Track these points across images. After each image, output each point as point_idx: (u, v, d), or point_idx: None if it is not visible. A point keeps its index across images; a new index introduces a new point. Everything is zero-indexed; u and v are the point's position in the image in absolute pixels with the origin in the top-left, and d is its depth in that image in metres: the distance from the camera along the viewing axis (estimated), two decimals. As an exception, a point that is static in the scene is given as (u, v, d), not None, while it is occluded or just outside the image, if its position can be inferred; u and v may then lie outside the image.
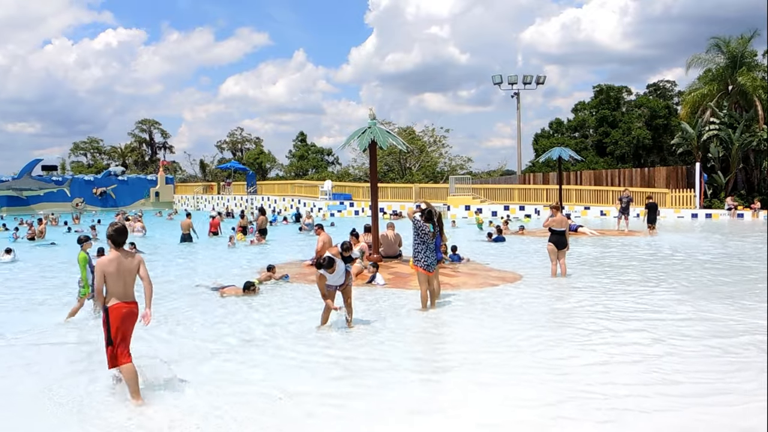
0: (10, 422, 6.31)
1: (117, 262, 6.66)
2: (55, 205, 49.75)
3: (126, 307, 6.63)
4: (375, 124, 16.52)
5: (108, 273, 6.58)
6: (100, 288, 6.68)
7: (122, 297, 6.63)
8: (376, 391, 6.91)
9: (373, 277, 13.93)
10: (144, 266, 6.87)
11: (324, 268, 9.33)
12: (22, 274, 16.56)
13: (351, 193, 40.84)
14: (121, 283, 6.64)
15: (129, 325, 6.69)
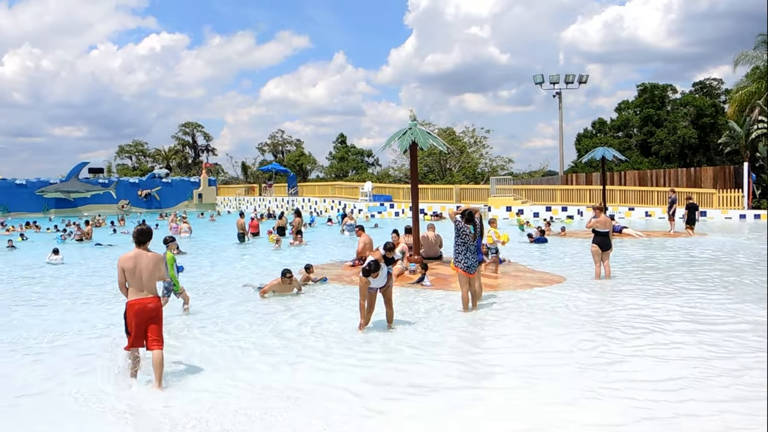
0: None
1: (135, 260, 7.18)
2: (102, 206, 50.92)
3: (138, 304, 7.12)
4: (415, 125, 16.45)
5: (126, 269, 7.14)
6: (122, 282, 7.22)
7: (137, 292, 7.15)
8: (416, 394, 6.86)
9: (422, 277, 13.89)
10: (164, 267, 7.50)
11: (371, 274, 9.40)
12: (72, 274, 16.97)
13: (391, 195, 40.84)
14: (137, 278, 7.14)
15: (144, 318, 7.15)
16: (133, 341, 7.24)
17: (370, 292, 9.75)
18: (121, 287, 7.26)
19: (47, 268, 18.35)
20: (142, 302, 7.16)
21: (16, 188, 49.71)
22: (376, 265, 9.45)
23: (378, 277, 9.52)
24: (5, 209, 47.76)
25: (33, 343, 9.48)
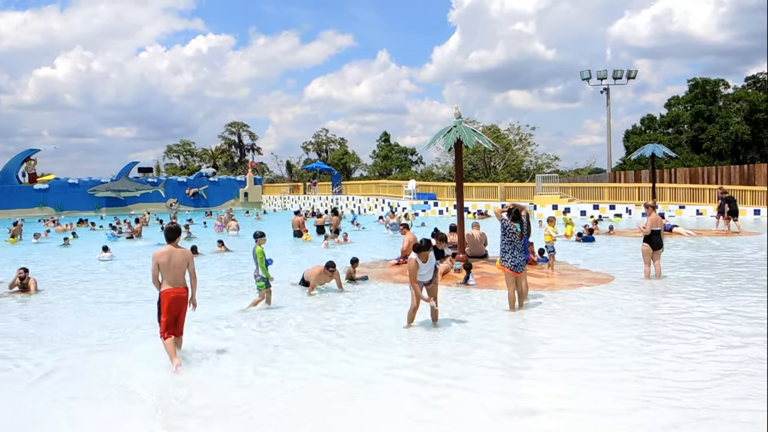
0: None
1: (168, 255, 8.03)
2: (151, 205, 52.03)
3: (174, 292, 7.99)
4: (460, 123, 16.35)
5: (161, 263, 8.00)
6: (155, 275, 8.05)
7: (171, 284, 8.00)
8: (461, 394, 6.80)
9: (467, 276, 13.81)
10: (192, 262, 8.24)
11: (422, 251, 9.38)
12: (125, 270, 17.36)
13: (435, 193, 40.69)
14: (170, 272, 7.99)
15: (177, 306, 8.02)
16: (165, 327, 7.95)
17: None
18: (154, 279, 8.07)
19: (98, 265, 18.84)
20: (176, 291, 8.01)
21: (69, 187, 51.18)
22: (428, 243, 9.53)
23: (425, 266, 9.44)
24: (59, 208, 49.22)
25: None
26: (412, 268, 9.45)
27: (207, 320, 10.52)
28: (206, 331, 9.91)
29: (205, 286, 13.78)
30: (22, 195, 48.91)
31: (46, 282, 15.20)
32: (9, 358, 8.66)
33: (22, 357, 8.69)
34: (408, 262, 9.57)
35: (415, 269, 9.42)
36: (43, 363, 8.37)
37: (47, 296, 13.65)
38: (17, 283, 13.91)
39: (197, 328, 9.78)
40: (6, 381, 7.72)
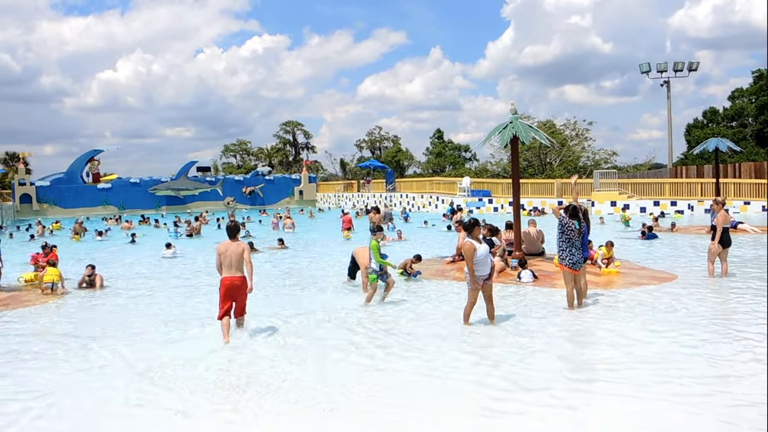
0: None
1: (227, 247, 9.37)
2: (209, 203, 53.18)
3: (229, 280, 9.26)
4: (516, 119, 16.16)
5: (221, 253, 9.37)
6: (218, 264, 9.45)
7: (229, 272, 9.28)
8: (519, 393, 6.72)
9: (521, 273, 13.66)
10: (248, 252, 9.43)
11: (473, 228, 9.47)
12: (187, 267, 17.80)
13: (489, 190, 40.36)
14: (228, 262, 9.29)
15: (233, 292, 9.27)
16: (222, 310, 9.21)
17: (472, 287, 9.59)
18: (217, 267, 9.50)
19: (162, 261, 19.38)
20: (231, 279, 9.28)
21: (130, 186, 52.74)
22: (476, 221, 9.71)
23: (481, 257, 9.38)
24: (121, 206, 50.76)
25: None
26: (468, 249, 9.38)
27: (279, 313, 10.86)
28: (281, 323, 10.17)
29: (275, 282, 14.11)
30: (86, 194, 50.64)
31: (112, 278, 15.70)
32: (78, 351, 8.97)
33: (89, 349, 8.99)
34: (463, 246, 9.54)
35: (471, 251, 9.35)
36: (114, 353, 8.66)
37: (113, 292, 14.09)
38: (85, 280, 14.40)
39: (273, 320, 10.24)
40: (78, 372, 7.99)
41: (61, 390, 7.27)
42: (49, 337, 10.01)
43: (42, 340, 9.78)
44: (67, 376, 7.86)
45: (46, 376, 7.82)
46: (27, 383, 7.55)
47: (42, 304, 12.72)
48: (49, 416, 6.52)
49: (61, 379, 7.69)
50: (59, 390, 7.27)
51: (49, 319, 11.50)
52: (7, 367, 8.25)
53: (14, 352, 9.02)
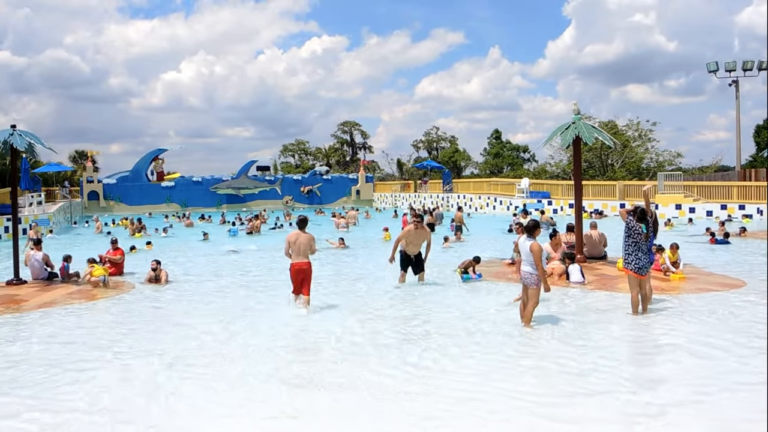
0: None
1: (296, 237, 11.21)
2: (268, 202, 54.06)
3: (297, 265, 11.16)
4: (579, 119, 15.86)
5: (291, 242, 11.22)
6: (286, 250, 11.32)
7: (296, 258, 11.17)
8: (577, 398, 6.57)
9: (569, 270, 13.37)
10: (314, 244, 11.38)
11: (535, 230, 9.62)
12: (249, 262, 18.11)
13: (549, 191, 39.69)
14: (297, 249, 11.16)
15: (301, 275, 11.15)
16: (294, 289, 11.28)
17: (527, 283, 9.71)
18: (286, 253, 11.39)
19: (226, 257, 19.86)
20: (299, 264, 11.17)
21: (193, 185, 54.06)
22: (537, 222, 9.91)
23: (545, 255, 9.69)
24: (184, 204, 52.07)
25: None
26: (536, 250, 9.40)
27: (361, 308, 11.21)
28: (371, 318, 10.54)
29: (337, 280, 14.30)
30: (151, 192, 52.17)
31: (177, 273, 16.12)
32: (150, 341, 9.25)
33: (159, 340, 9.26)
34: (532, 247, 9.44)
35: (540, 251, 9.43)
36: (181, 341, 8.90)
37: (178, 286, 14.50)
38: (150, 276, 14.80)
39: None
40: (149, 362, 8.22)
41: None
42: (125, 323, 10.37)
43: (118, 325, 10.17)
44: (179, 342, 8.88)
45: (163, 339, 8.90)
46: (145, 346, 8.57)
47: (107, 297, 13.18)
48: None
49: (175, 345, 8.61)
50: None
51: (114, 312, 11.87)
52: (131, 337, 8.58)
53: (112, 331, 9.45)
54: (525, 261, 9.64)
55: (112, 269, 16.23)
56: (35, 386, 7.37)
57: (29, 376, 7.77)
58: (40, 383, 7.50)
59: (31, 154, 15.86)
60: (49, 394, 7.06)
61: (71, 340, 9.69)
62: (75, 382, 7.50)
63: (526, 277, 9.63)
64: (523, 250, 9.68)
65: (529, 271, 9.56)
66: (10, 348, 9.24)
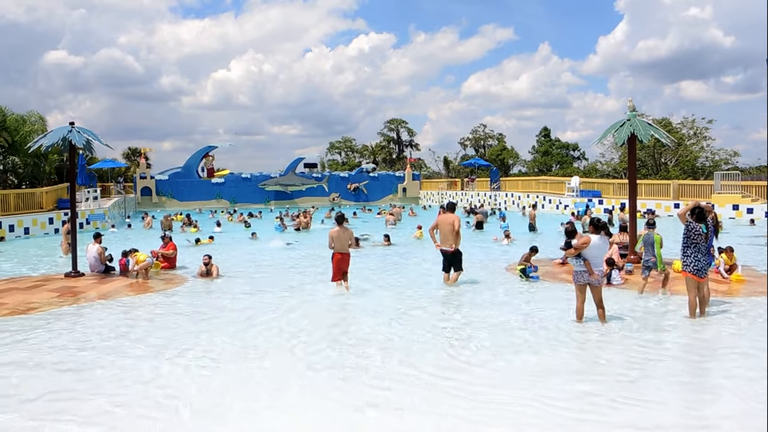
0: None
1: (338, 232, 13.06)
2: (315, 199, 54.50)
3: (339, 255, 13.06)
4: (634, 116, 15.50)
5: (333, 237, 13.06)
6: (330, 243, 13.15)
7: (338, 250, 13.05)
8: (631, 404, 6.39)
9: (609, 274, 13.09)
10: (352, 238, 13.48)
11: (599, 231, 9.91)
12: (293, 258, 18.28)
13: (600, 190, 38.93)
14: (339, 242, 13.02)
15: (342, 263, 13.07)
16: (334, 276, 13.15)
17: (578, 283, 9.83)
18: (329, 246, 13.23)
19: (280, 251, 20.12)
20: (342, 255, 13.07)
21: (242, 181, 54.82)
22: (605, 223, 10.02)
23: (595, 249, 9.77)
24: (233, 200, 52.87)
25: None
26: (584, 240, 9.71)
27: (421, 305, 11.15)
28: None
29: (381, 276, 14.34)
30: (201, 188, 53.12)
31: (228, 267, 16.35)
32: (202, 329, 9.42)
33: (210, 330, 9.41)
34: (582, 238, 9.76)
35: (587, 243, 9.67)
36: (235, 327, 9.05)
37: (229, 279, 14.75)
38: (202, 270, 15.07)
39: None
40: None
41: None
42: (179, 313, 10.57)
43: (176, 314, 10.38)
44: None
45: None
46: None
47: (161, 291, 13.47)
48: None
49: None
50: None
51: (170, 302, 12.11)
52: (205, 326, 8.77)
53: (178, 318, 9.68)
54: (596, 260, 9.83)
55: (164, 264, 16.59)
56: (100, 370, 7.62)
57: (95, 362, 8.04)
58: (104, 366, 7.82)
59: (88, 151, 16.27)
60: (110, 381, 7.27)
61: (128, 330, 9.98)
62: (134, 368, 7.76)
63: (576, 276, 9.95)
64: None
65: (577, 270, 9.90)
66: (72, 335, 9.58)
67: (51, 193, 32.54)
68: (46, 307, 11.69)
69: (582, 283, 9.83)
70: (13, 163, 42.83)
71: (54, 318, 10.85)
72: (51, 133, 15.42)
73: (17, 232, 26.80)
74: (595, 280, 9.73)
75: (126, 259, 15.51)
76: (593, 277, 9.68)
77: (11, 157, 42.17)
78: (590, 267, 9.69)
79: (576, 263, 9.83)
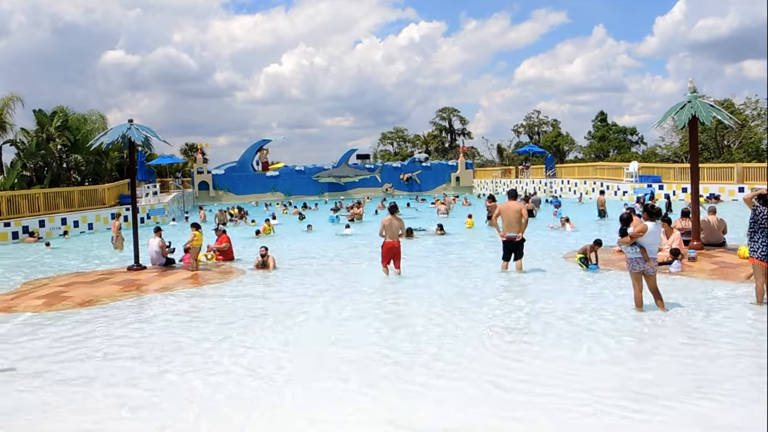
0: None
1: (390, 221, 13.72)
2: (368, 190, 54.64)
3: (389, 244, 13.66)
4: (695, 98, 14.98)
5: (385, 225, 13.68)
6: (381, 231, 13.75)
7: (389, 238, 13.63)
8: (699, 396, 6.19)
9: (671, 262, 12.68)
10: (403, 225, 14.06)
11: (654, 218, 9.74)
12: (344, 249, 18.40)
13: (660, 175, 37.85)
14: (390, 231, 13.63)
15: (392, 252, 13.69)
16: (384, 262, 13.77)
17: (633, 271, 9.69)
18: (380, 234, 13.82)
19: (335, 241, 20.27)
20: (391, 243, 13.68)
21: (296, 174, 55.41)
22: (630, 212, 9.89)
23: (651, 237, 9.60)
24: (287, 193, 53.51)
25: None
26: (641, 228, 9.55)
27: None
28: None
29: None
30: (256, 181, 53.94)
31: (284, 258, 16.58)
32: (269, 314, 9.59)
33: (270, 320, 9.56)
34: (639, 226, 9.58)
35: (643, 230, 9.51)
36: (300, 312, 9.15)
37: (285, 271, 14.96)
38: (259, 262, 15.31)
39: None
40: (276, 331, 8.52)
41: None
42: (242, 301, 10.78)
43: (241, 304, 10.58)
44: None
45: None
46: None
47: (219, 282, 13.74)
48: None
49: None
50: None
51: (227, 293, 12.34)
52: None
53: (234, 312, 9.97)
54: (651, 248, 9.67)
55: (219, 257, 16.91)
56: (163, 356, 7.82)
57: (153, 352, 8.30)
58: (168, 353, 8.04)
59: (147, 147, 16.72)
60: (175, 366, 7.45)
61: (190, 319, 10.29)
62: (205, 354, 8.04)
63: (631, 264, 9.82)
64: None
65: (630, 258, 9.79)
66: (136, 325, 9.92)
67: (112, 189, 33.57)
68: (109, 300, 12.07)
69: (637, 271, 9.64)
70: (76, 161, 44.37)
71: (118, 309, 11.24)
72: (111, 131, 15.85)
73: (81, 227, 27.76)
74: (650, 268, 9.52)
75: (189, 255, 15.84)
76: (649, 264, 9.48)
77: (74, 155, 43.68)
78: (646, 254, 9.47)
79: (631, 251, 9.64)
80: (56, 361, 8.13)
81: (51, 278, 15.09)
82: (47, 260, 18.89)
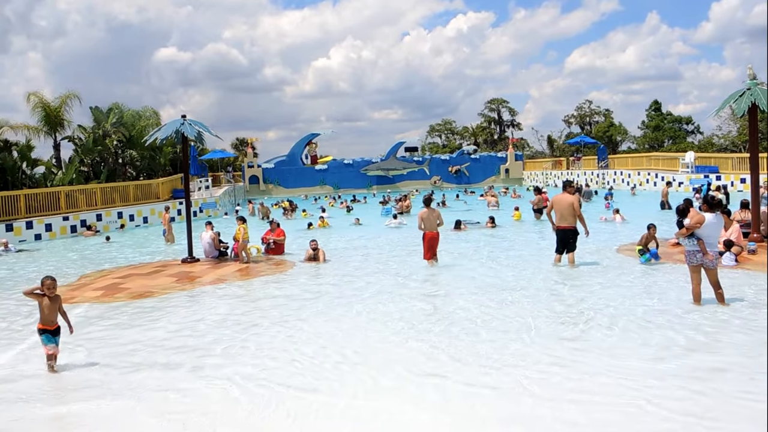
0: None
1: (427, 213, 13.97)
2: (416, 183, 54.60)
3: (429, 234, 13.98)
4: (755, 85, 14.47)
5: (423, 218, 13.93)
6: (419, 224, 14.05)
7: (429, 229, 13.95)
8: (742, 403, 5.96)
9: (722, 253, 12.30)
10: (441, 218, 14.27)
11: (714, 209, 9.43)
12: (386, 242, 18.41)
13: (717, 165, 36.74)
14: (428, 223, 13.92)
15: (432, 242, 14.01)
16: (425, 254, 14.08)
17: (691, 264, 9.41)
18: (419, 226, 14.09)
19: (383, 235, 20.40)
20: (431, 234, 13.98)
21: (344, 167, 55.79)
22: (687, 203, 9.80)
23: (710, 229, 9.33)
24: (336, 186, 53.91)
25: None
26: (698, 219, 9.28)
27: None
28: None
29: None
30: (306, 175, 54.52)
31: (333, 252, 16.70)
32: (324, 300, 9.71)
33: (324, 312, 9.67)
34: (695, 217, 9.32)
35: (700, 222, 9.25)
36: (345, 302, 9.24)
37: (334, 263, 15.14)
38: (309, 255, 15.48)
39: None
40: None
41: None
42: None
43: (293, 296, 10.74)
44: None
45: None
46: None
47: (272, 274, 13.95)
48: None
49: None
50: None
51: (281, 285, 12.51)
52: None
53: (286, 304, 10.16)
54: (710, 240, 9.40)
55: (270, 251, 17.15)
56: (228, 347, 7.97)
57: (219, 340, 8.41)
58: (229, 342, 8.14)
59: (199, 142, 17.01)
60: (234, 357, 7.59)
61: (247, 310, 10.52)
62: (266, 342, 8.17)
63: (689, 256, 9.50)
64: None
65: (688, 250, 9.48)
66: (194, 316, 10.20)
67: (166, 183, 34.38)
68: (164, 291, 12.36)
69: (695, 264, 9.37)
70: (131, 156, 45.57)
71: (173, 300, 11.53)
72: (165, 127, 16.18)
73: (137, 221, 28.52)
74: (709, 261, 9.22)
75: (237, 245, 16.13)
76: (707, 257, 9.19)
77: (129, 150, 44.86)
78: (704, 247, 9.19)
79: (688, 243, 9.37)
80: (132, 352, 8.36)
81: (109, 271, 15.53)
82: (105, 253, 19.46)
